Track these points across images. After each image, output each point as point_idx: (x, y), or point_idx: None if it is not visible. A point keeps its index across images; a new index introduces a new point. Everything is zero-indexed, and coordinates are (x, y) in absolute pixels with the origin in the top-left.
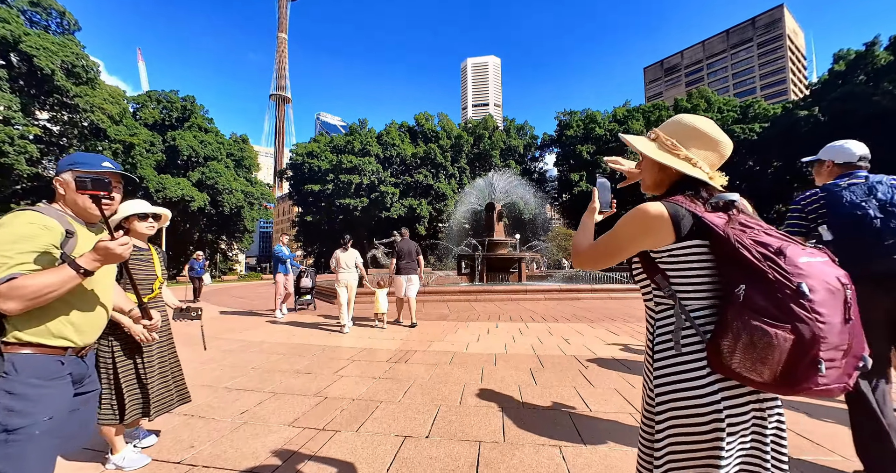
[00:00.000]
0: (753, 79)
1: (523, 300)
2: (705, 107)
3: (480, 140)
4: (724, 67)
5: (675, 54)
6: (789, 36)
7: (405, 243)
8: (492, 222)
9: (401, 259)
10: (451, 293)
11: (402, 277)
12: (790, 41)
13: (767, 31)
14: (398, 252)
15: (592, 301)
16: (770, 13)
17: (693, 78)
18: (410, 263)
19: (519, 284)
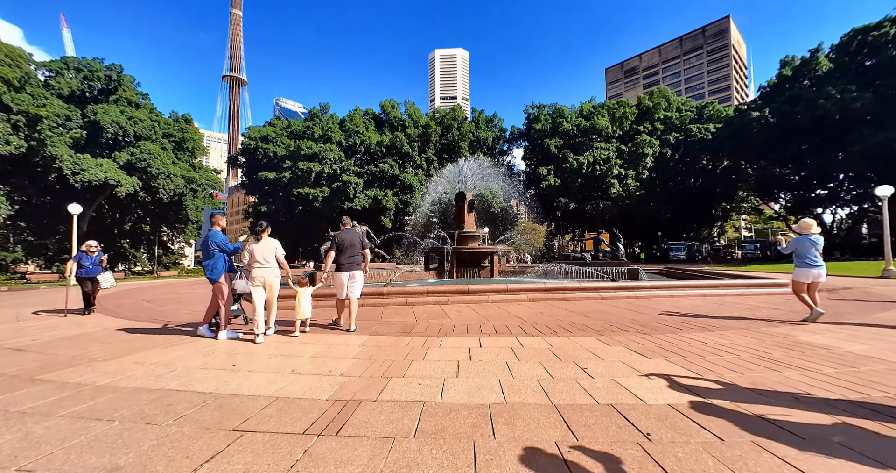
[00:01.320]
0: (703, 84)
1: (504, 301)
2: (665, 105)
3: (449, 131)
4: (678, 71)
5: (634, 57)
6: (734, 46)
7: (347, 234)
8: (462, 212)
9: (341, 253)
10: (418, 295)
11: (344, 274)
12: (734, 51)
13: (716, 40)
14: (338, 244)
15: (583, 302)
16: (718, 23)
17: (650, 80)
18: (353, 257)
19: (498, 282)
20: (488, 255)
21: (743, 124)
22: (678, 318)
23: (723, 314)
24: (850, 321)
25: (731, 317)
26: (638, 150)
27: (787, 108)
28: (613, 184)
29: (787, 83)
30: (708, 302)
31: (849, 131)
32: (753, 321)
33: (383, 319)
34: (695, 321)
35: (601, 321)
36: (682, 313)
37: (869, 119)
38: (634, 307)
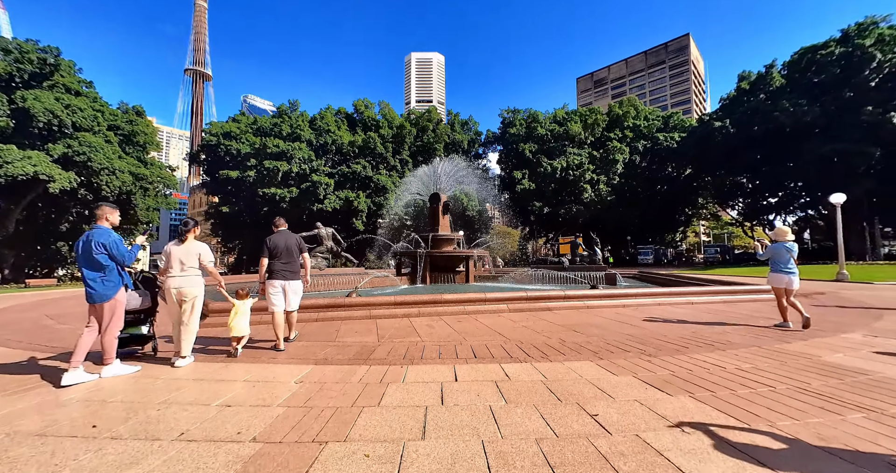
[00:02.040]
0: (666, 96)
1: (482, 313)
2: (634, 114)
3: (424, 132)
4: (643, 84)
5: (603, 68)
6: (693, 62)
7: (281, 237)
8: (436, 214)
9: (275, 258)
10: (384, 306)
11: (278, 283)
12: (694, 66)
13: (677, 56)
14: (270, 249)
15: (568, 313)
16: (679, 40)
17: (618, 91)
18: (290, 264)
19: (474, 288)
20: (464, 259)
21: (706, 133)
22: (676, 331)
23: (721, 326)
24: (853, 332)
25: (731, 329)
26: (609, 156)
27: (745, 119)
28: (586, 189)
29: (745, 96)
30: (698, 311)
31: (800, 142)
32: (757, 334)
33: (338, 338)
34: (697, 337)
35: (595, 338)
36: (677, 324)
37: (817, 132)
38: (624, 317)
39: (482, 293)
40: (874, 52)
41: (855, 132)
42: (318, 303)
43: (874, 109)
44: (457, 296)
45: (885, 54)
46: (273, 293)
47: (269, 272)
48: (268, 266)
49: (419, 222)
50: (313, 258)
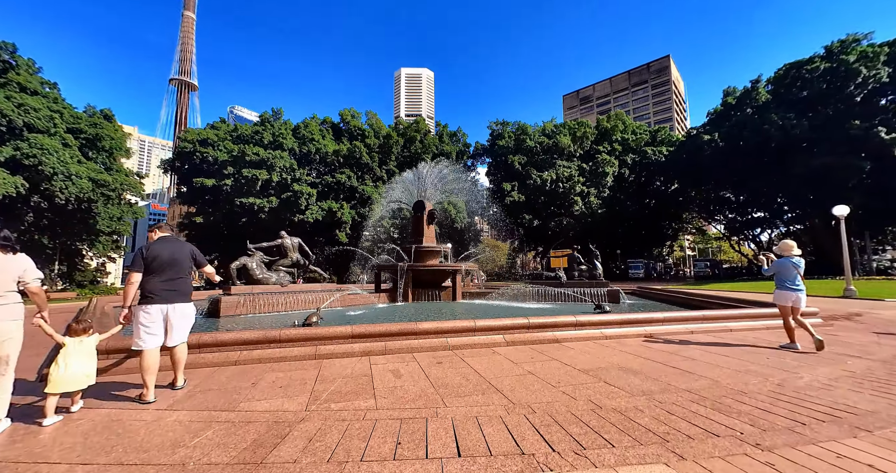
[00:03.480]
0: (649, 114)
1: (471, 346)
2: (622, 128)
3: (412, 143)
4: (627, 102)
5: (588, 87)
6: (674, 82)
7: (165, 246)
8: (421, 224)
9: (154, 274)
10: (337, 340)
11: (155, 308)
12: (675, 86)
13: (659, 76)
14: (147, 261)
15: (585, 347)
16: (660, 61)
17: (602, 108)
18: (175, 281)
19: (462, 311)
20: (450, 273)
21: (696, 147)
22: (756, 383)
23: (807, 371)
24: None
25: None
26: (599, 168)
27: (733, 132)
28: (577, 201)
29: (731, 111)
30: (745, 339)
31: (787, 157)
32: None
33: (244, 401)
34: (793, 395)
35: (643, 400)
36: (742, 366)
37: (804, 146)
38: (660, 354)
39: (471, 321)
40: (859, 67)
41: (842, 147)
42: (241, 338)
43: (861, 123)
44: (437, 325)
45: (869, 70)
46: (146, 324)
47: (143, 294)
48: (142, 285)
49: (406, 233)
50: (275, 272)
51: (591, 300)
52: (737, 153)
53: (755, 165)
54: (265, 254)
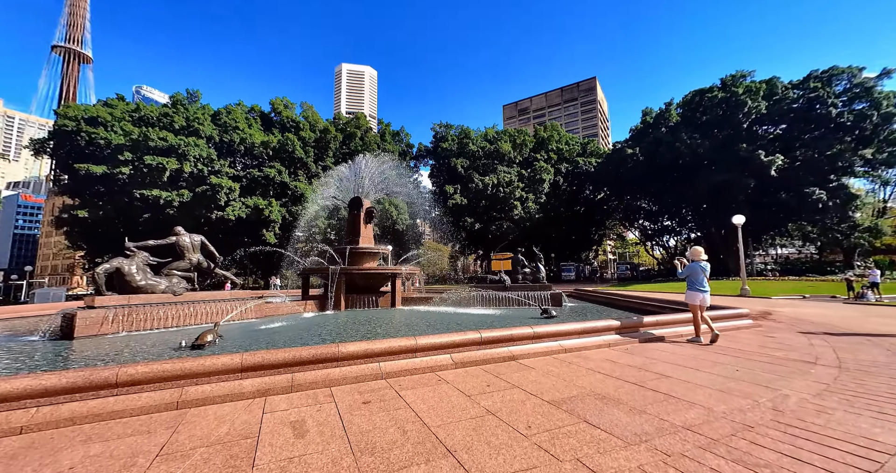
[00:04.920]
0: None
1: (409, 373)
2: (557, 138)
3: (351, 139)
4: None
5: (526, 99)
6: (599, 102)
7: None
8: (357, 223)
9: None
10: (215, 376)
11: None
12: (600, 105)
13: (587, 95)
14: None
15: (547, 365)
16: (588, 81)
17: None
18: None
19: (401, 320)
20: (390, 277)
21: (621, 159)
22: (748, 408)
23: (799, 383)
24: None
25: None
26: (536, 175)
27: (652, 148)
28: (516, 206)
29: (649, 129)
30: (706, 351)
31: (693, 172)
32: (852, 406)
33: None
34: (801, 426)
35: (648, 457)
36: (725, 384)
37: (706, 164)
38: (632, 374)
39: (411, 339)
40: (745, 99)
41: (734, 166)
42: (38, 385)
43: (747, 146)
44: (367, 346)
45: (753, 102)
46: None
47: None
48: None
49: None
50: (165, 278)
51: (537, 303)
52: (653, 167)
53: (668, 179)
54: (153, 255)
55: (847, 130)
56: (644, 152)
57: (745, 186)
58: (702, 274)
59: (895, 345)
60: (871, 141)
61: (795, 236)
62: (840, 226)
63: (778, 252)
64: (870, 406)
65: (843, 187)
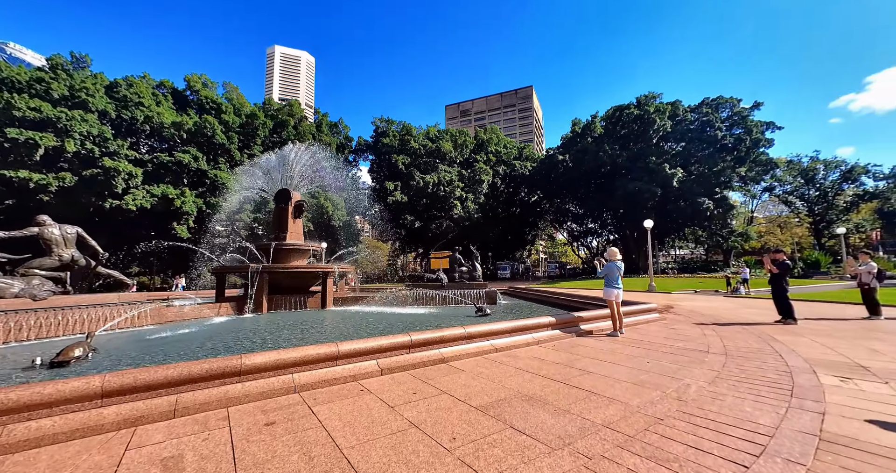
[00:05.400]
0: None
1: (328, 384)
2: (496, 140)
3: (283, 127)
4: (499, 120)
5: (468, 101)
6: (535, 110)
7: None
8: (285, 218)
9: None
10: (60, 407)
11: None
12: (535, 113)
13: (524, 102)
14: None
15: (478, 366)
16: (525, 89)
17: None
18: None
19: (331, 322)
20: (320, 276)
21: (552, 164)
22: (658, 400)
23: (678, 372)
24: None
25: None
26: (476, 176)
27: (580, 156)
28: (456, 205)
29: (577, 138)
30: (624, 344)
31: (613, 180)
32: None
33: None
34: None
35: (570, 462)
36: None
37: (623, 173)
38: (559, 371)
39: (332, 345)
40: (655, 117)
41: (646, 176)
42: None
43: (656, 160)
44: (277, 356)
45: (660, 120)
46: None
47: None
48: None
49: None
50: (21, 279)
51: (472, 302)
52: (580, 174)
53: (592, 185)
54: (3, 250)
55: (728, 151)
56: (573, 159)
57: (654, 194)
58: (617, 273)
59: (763, 332)
60: (745, 161)
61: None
62: (722, 231)
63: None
64: (750, 390)
65: (724, 198)
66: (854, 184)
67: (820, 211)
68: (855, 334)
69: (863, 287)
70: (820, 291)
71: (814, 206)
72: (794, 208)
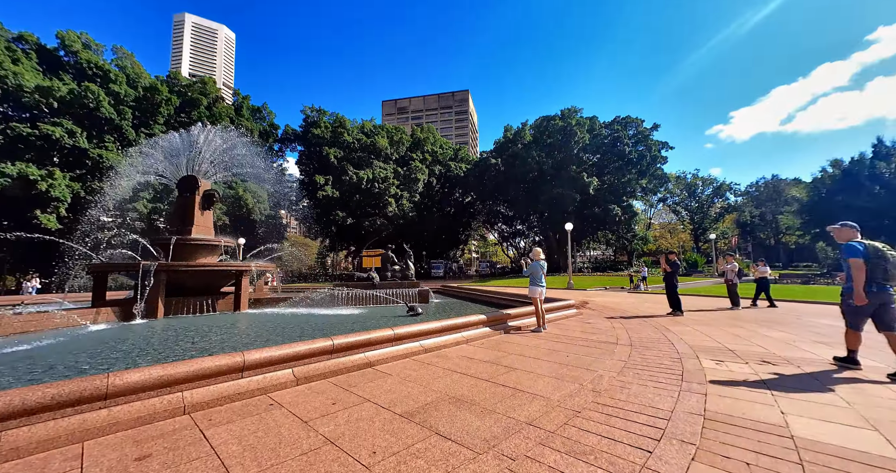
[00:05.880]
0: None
1: (227, 401)
2: (433, 140)
3: (193, 106)
4: (436, 121)
5: (406, 99)
6: (471, 114)
7: None
8: (190, 209)
9: None
10: None
11: None
12: (471, 117)
13: (461, 105)
14: None
15: (406, 369)
16: (462, 93)
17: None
18: None
19: (246, 328)
20: (233, 275)
21: (486, 167)
22: (576, 392)
23: (593, 364)
24: None
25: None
26: (412, 174)
27: (511, 160)
28: (391, 203)
29: (509, 144)
30: (548, 341)
31: (539, 185)
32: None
33: None
34: (612, 405)
35: (495, 466)
36: (557, 376)
37: (549, 179)
38: (486, 369)
39: (237, 355)
40: (576, 130)
41: (568, 183)
42: None
43: (577, 168)
44: (163, 372)
45: (581, 133)
46: None
47: None
48: None
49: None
50: None
51: (404, 301)
52: (511, 177)
53: (521, 189)
54: None
55: (633, 165)
56: (504, 164)
57: (574, 200)
58: (541, 272)
59: (659, 324)
60: (646, 174)
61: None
62: (627, 235)
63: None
64: (651, 377)
65: (630, 206)
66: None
67: (698, 220)
68: (723, 322)
69: (728, 283)
70: (698, 286)
71: (694, 215)
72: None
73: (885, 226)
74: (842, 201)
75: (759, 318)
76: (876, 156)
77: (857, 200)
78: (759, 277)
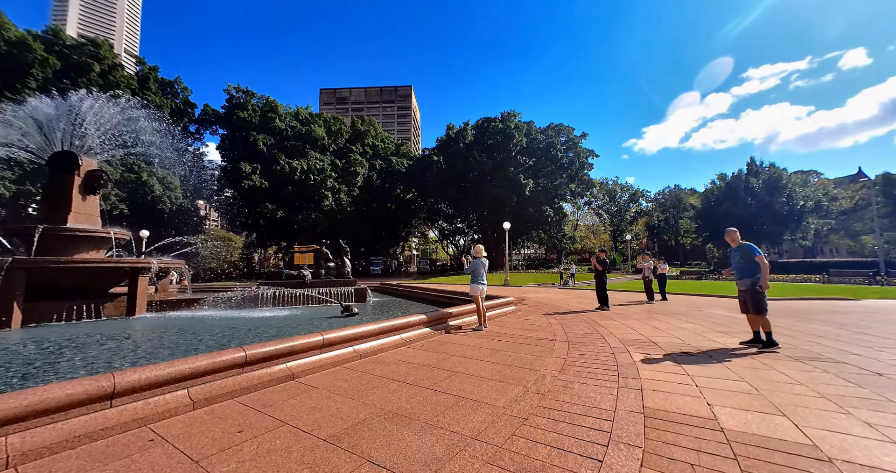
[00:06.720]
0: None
1: (88, 440)
2: (374, 134)
3: (82, 72)
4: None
5: (346, 89)
6: (413, 110)
7: None
8: (67, 192)
9: None
10: None
11: None
12: (413, 113)
13: (403, 100)
14: None
15: (335, 378)
16: (405, 88)
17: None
18: None
19: (119, 352)
20: (127, 273)
21: (428, 164)
22: (520, 395)
23: (534, 362)
24: None
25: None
26: (351, 167)
27: (453, 159)
28: (327, 196)
29: (452, 142)
30: (490, 339)
31: (480, 185)
32: (581, 376)
33: None
34: (556, 408)
35: None
36: (499, 379)
37: (489, 179)
38: (427, 374)
39: (103, 378)
40: (514, 133)
41: (506, 184)
42: None
43: (514, 170)
44: None
45: (519, 136)
46: None
47: None
48: None
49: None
50: None
51: (339, 301)
52: (453, 176)
53: (462, 188)
54: None
55: (564, 170)
56: (447, 162)
57: (511, 200)
58: (482, 269)
59: (590, 319)
60: (575, 179)
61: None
62: (557, 235)
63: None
64: (591, 374)
65: (560, 208)
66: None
67: (616, 222)
68: (643, 316)
69: (644, 279)
70: (617, 282)
71: (613, 218)
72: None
73: (754, 230)
74: (725, 209)
75: (669, 311)
76: (749, 173)
77: (736, 208)
78: (660, 273)
